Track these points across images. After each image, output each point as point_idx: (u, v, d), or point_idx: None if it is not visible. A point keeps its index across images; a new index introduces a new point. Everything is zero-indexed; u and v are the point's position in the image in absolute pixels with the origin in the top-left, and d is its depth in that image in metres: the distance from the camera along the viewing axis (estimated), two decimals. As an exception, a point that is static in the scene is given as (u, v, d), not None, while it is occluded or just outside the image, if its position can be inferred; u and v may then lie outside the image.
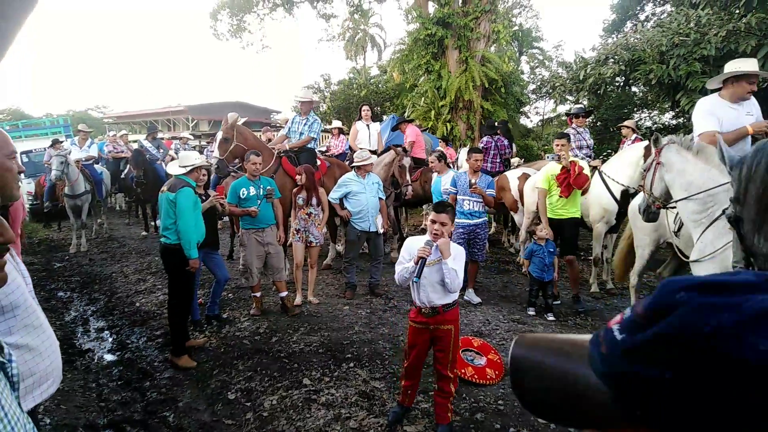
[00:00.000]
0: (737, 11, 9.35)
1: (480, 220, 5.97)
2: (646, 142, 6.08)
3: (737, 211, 1.91)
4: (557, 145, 5.79)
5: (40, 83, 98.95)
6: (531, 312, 5.54)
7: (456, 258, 3.18)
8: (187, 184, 4.57)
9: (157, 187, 8.99)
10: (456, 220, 5.91)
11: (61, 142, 10.23)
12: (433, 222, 3.21)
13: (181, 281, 4.53)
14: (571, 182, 5.49)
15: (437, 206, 3.32)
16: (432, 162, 6.54)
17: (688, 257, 3.66)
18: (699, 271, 3.35)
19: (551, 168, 5.78)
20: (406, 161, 7.23)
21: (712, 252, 3.22)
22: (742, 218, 1.90)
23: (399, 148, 7.40)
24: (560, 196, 5.60)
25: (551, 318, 5.37)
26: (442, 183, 6.35)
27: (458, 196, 5.94)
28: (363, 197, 6.03)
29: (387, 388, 3.84)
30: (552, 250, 5.48)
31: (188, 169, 4.70)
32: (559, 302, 5.87)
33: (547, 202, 5.71)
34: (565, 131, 7.10)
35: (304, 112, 7.17)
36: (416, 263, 3.09)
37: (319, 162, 7.14)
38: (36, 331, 1.79)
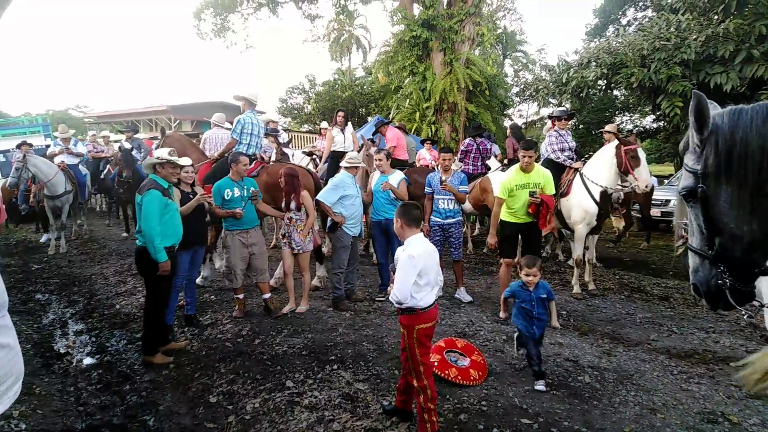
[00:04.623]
0: (716, 17, 9.54)
1: (454, 219, 6.02)
2: (616, 142, 6.21)
3: (708, 188, 1.83)
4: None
5: (19, 82, 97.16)
6: (540, 387, 3.81)
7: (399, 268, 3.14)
8: (156, 185, 4.38)
9: (138, 187, 8.89)
10: (432, 218, 6.05)
11: (30, 143, 10.01)
12: None
13: (154, 283, 4.42)
14: (549, 222, 5.46)
15: None
16: (380, 160, 6.30)
17: None
18: None
19: (508, 178, 5.63)
20: (372, 150, 7.39)
21: None
22: (713, 195, 1.82)
23: (369, 140, 7.65)
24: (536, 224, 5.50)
25: (540, 387, 3.79)
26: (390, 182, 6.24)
27: (434, 196, 6.03)
28: (357, 201, 5.89)
29: (371, 390, 3.83)
30: (545, 296, 4.10)
31: (152, 166, 4.51)
32: None
33: (514, 209, 5.55)
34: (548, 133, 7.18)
35: (243, 113, 6.85)
36: None
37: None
38: (11, 330, 1.77)
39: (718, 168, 1.77)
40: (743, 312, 1.88)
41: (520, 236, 5.86)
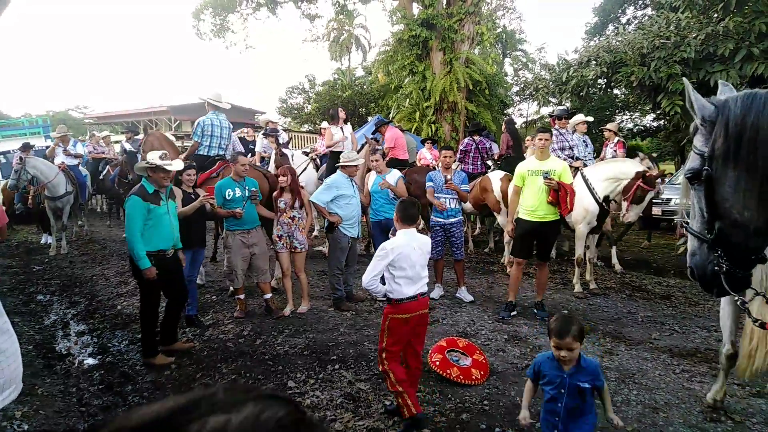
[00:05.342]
0: (716, 15, 9.52)
1: (455, 219, 6.01)
2: (642, 168, 6.07)
3: (714, 171, 1.76)
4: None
5: (19, 83, 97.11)
6: None
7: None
8: (139, 190, 4.29)
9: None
10: (432, 218, 6.04)
11: (32, 146, 10.00)
12: None
13: (145, 285, 4.39)
14: (570, 206, 5.24)
15: None
16: (377, 160, 6.23)
17: None
18: None
19: (525, 165, 5.49)
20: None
21: None
22: (718, 179, 1.75)
23: (371, 139, 7.68)
24: (559, 213, 5.31)
25: None
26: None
27: (436, 194, 6.00)
28: (354, 201, 5.81)
29: (372, 390, 3.83)
30: (588, 386, 2.59)
31: (144, 170, 4.39)
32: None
33: (529, 205, 5.36)
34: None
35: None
36: None
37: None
38: (5, 335, 1.77)
39: (727, 151, 1.72)
40: (737, 298, 1.87)
41: (535, 241, 5.55)
